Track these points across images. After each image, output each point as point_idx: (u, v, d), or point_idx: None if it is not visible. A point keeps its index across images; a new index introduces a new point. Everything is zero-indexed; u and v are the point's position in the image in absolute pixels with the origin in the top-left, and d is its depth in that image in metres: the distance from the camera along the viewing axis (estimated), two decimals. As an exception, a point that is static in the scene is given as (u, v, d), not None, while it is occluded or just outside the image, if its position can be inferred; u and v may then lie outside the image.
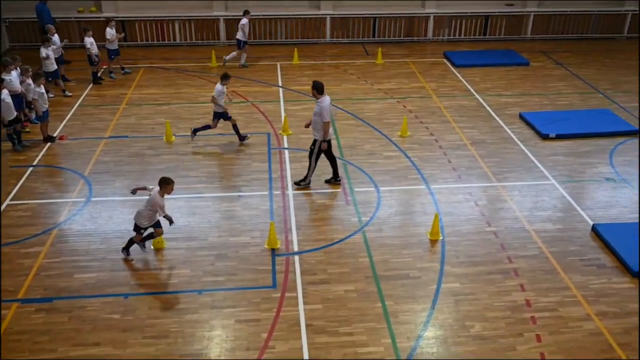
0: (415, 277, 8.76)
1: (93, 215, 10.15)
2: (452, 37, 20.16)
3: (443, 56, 18.61)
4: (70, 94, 15.14)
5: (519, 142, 12.87)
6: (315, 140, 10.60)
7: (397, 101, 15.05)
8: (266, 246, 9.37)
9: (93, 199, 10.64)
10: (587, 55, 18.77)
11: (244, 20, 16.82)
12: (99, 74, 16.06)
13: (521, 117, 14.03)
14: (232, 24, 19.16)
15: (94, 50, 15.51)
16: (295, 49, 18.17)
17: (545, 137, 13.01)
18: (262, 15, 19.19)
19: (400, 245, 9.45)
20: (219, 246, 9.40)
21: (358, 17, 19.52)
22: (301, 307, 8.14)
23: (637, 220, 10.04)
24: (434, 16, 19.69)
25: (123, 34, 17.49)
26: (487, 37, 20.19)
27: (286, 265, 8.97)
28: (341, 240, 9.57)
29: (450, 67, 17.66)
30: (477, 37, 20.19)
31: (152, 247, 9.25)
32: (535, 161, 12.08)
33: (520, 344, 7.56)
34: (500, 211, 10.42)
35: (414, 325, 7.85)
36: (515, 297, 8.36)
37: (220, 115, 12.39)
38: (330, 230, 9.84)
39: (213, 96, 12.18)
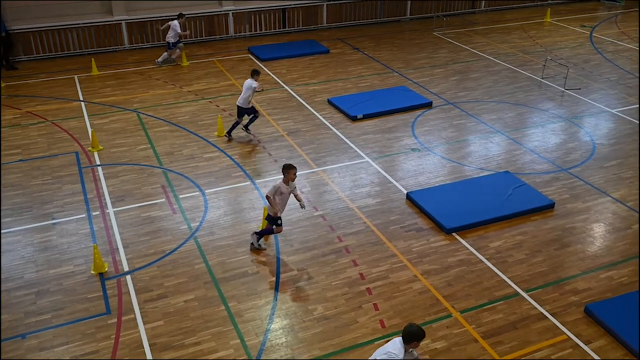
0: (254, 273, 8.81)
1: None
2: (254, 33, 20.43)
3: (248, 51, 18.79)
4: None
5: (331, 127, 13.49)
6: None
7: (209, 101, 14.90)
8: (93, 271, 8.75)
9: None
10: (379, 39, 20.21)
11: (175, 22, 17.08)
12: None
13: (330, 102, 14.71)
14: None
15: None
16: (93, 59, 17.10)
17: (354, 118, 13.79)
18: (50, 26, 17.73)
19: (235, 245, 9.42)
20: (38, 282, 8.57)
21: (155, 20, 18.88)
22: (141, 327, 7.76)
23: (444, 183, 11.12)
24: (232, 13, 19.78)
25: None
26: (287, 29, 20.79)
27: (118, 288, 8.47)
28: (173, 251, 9.28)
29: (256, 61, 17.90)
30: (277, 30, 20.69)
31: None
32: (349, 142, 12.77)
33: (361, 316, 7.99)
34: (324, 194, 10.86)
35: (260, 321, 7.90)
36: (350, 273, 8.80)
37: (249, 110, 12.66)
38: (160, 242, 9.48)
39: (254, 88, 12.32)
